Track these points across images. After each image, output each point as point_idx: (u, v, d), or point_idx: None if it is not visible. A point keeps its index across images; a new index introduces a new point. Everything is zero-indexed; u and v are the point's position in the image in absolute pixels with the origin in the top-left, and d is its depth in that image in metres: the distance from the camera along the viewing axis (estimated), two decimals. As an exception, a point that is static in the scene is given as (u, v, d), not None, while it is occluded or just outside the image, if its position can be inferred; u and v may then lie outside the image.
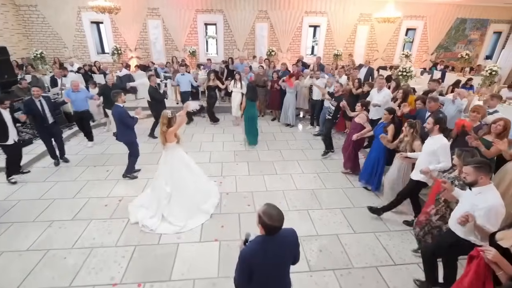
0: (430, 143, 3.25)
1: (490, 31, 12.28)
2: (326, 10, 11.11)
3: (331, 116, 5.58)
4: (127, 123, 4.44)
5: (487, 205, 2.14)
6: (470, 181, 2.26)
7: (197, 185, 3.91)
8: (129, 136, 4.61)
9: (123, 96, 4.55)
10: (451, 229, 2.48)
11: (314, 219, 3.89)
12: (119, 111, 4.40)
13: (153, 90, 6.49)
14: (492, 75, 7.41)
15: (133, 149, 4.70)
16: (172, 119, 3.61)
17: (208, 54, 11.55)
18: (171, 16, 10.41)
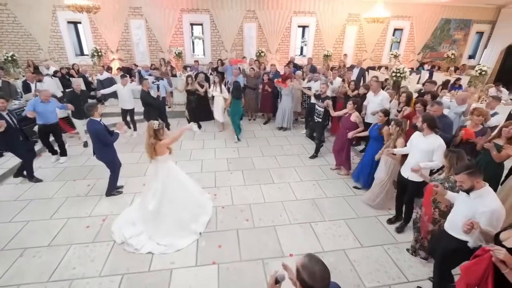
0: (427, 142, 3.20)
1: (473, 31, 12.54)
2: (314, 10, 10.96)
3: (321, 118, 5.55)
4: (105, 141, 3.91)
5: (488, 209, 2.12)
6: (467, 188, 2.24)
7: (189, 202, 3.56)
8: (109, 154, 4.09)
9: (99, 109, 3.97)
10: (450, 233, 2.44)
11: (318, 233, 3.63)
12: (96, 127, 3.83)
13: (145, 94, 6.14)
14: (482, 75, 7.47)
15: (112, 167, 4.20)
16: (158, 131, 3.25)
17: (195, 55, 11.13)
18: (154, 16, 9.92)
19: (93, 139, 4.01)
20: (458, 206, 2.40)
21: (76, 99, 5.60)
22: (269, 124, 7.74)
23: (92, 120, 3.91)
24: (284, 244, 3.43)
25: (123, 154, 5.65)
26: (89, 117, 3.93)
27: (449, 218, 2.49)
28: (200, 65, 9.90)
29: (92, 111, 3.89)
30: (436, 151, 3.12)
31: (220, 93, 6.78)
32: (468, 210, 2.24)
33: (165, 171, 3.36)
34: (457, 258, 2.46)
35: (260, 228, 3.69)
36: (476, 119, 3.54)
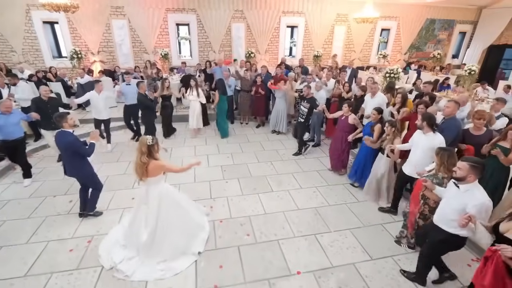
0: (427, 140, 3.34)
1: (456, 31, 12.83)
2: (303, 10, 10.82)
3: (304, 119, 5.59)
4: (80, 152, 3.41)
5: (478, 202, 2.21)
6: (459, 176, 2.31)
7: (186, 224, 3.22)
8: (83, 168, 3.57)
9: (70, 119, 3.43)
10: (439, 226, 2.52)
11: (324, 246, 3.42)
12: (67, 140, 3.32)
13: (143, 97, 5.80)
14: (471, 74, 7.55)
15: (92, 182, 3.73)
16: (153, 147, 2.89)
17: (182, 56, 10.72)
18: (138, 16, 9.44)
19: (64, 154, 3.51)
20: (448, 200, 2.46)
21: (44, 107, 4.85)
22: (262, 128, 7.50)
23: (62, 132, 3.38)
24: (290, 261, 3.19)
25: (108, 165, 5.28)
26: (59, 129, 3.44)
27: (438, 211, 2.56)
28: (187, 66, 9.52)
29: (61, 122, 3.36)
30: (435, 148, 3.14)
31: (197, 97, 6.40)
32: (458, 203, 2.32)
33: (157, 194, 2.99)
34: (443, 248, 2.61)
35: (262, 244, 3.44)
36: (477, 122, 3.44)
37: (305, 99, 5.53)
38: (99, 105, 5.61)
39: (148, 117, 5.98)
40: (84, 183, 3.74)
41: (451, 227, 2.40)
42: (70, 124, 3.45)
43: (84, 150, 3.44)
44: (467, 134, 3.54)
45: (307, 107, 5.47)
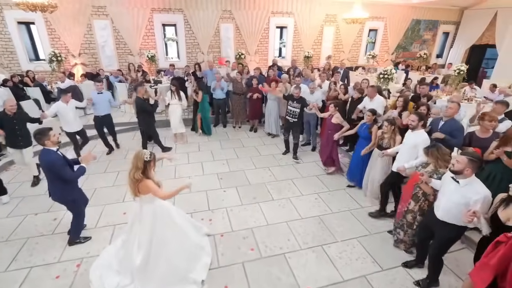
0: (412, 137, 3.43)
1: (440, 31, 13.14)
2: (292, 10, 10.71)
3: (297, 118, 5.56)
4: (63, 176, 2.96)
5: (480, 196, 2.27)
6: (457, 169, 2.36)
7: (185, 245, 2.94)
8: (70, 192, 3.15)
9: (53, 136, 2.96)
10: (440, 218, 2.56)
11: (333, 258, 3.27)
12: (50, 159, 2.89)
13: (141, 101, 5.51)
14: (460, 74, 7.69)
15: (75, 209, 3.29)
16: (149, 164, 2.62)
17: (169, 58, 10.35)
18: (121, 16, 9.00)
19: (47, 175, 3.09)
20: (450, 196, 2.47)
21: (9, 123, 4.23)
22: (256, 132, 7.30)
23: (44, 151, 2.96)
24: (298, 276, 3.01)
25: (94, 176, 4.93)
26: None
27: (442, 207, 2.55)
28: (175, 69, 9.18)
29: (42, 140, 2.92)
30: (419, 145, 3.28)
31: (179, 101, 6.14)
32: (461, 197, 2.36)
33: (151, 213, 2.72)
34: (451, 243, 2.67)
35: (268, 258, 3.24)
36: (488, 125, 3.39)
37: (295, 100, 5.48)
38: (68, 117, 4.99)
39: (147, 122, 5.72)
40: (68, 209, 3.33)
41: (459, 221, 2.44)
42: (53, 141, 2.99)
43: (66, 172, 2.96)
44: (474, 137, 3.49)
45: (298, 107, 5.45)
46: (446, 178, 2.57)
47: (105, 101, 5.57)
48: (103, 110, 5.58)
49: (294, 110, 5.52)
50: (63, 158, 3.06)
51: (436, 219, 2.59)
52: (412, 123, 3.44)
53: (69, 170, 3.04)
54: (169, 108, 6.29)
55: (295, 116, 5.54)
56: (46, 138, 2.95)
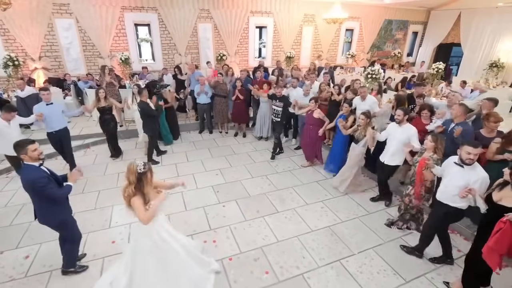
0: (402, 132, 3.71)
1: (410, 31, 13.74)
2: (271, 10, 10.50)
3: (280, 118, 5.62)
4: (48, 196, 2.51)
5: (479, 177, 2.56)
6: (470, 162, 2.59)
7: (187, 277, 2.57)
8: (57, 213, 2.69)
9: (32, 150, 2.48)
10: (442, 201, 2.84)
11: (354, 274, 3.06)
12: (30, 178, 2.43)
13: (145, 105, 5.11)
14: (438, 72, 7.98)
15: (67, 231, 2.83)
16: (145, 176, 2.26)
17: (143, 60, 9.62)
18: (88, 15, 8.14)
19: (30, 195, 2.61)
20: (452, 178, 2.73)
21: None
22: (245, 137, 6.97)
23: (25, 167, 2.53)
24: (323, 299, 2.76)
25: (71, 198, 4.26)
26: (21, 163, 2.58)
27: (442, 189, 2.85)
28: (150, 72, 8.53)
29: (19, 153, 2.48)
30: (411, 137, 3.63)
31: None
32: (462, 180, 2.62)
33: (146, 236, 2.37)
34: (446, 220, 2.97)
35: (287, 282, 2.95)
36: (493, 126, 3.39)
37: (278, 99, 5.55)
38: (9, 137, 4.00)
39: (152, 126, 5.35)
40: (58, 232, 2.85)
41: (454, 202, 2.75)
42: (33, 156, 2.49)
43: (52, 191, 2.50)
44: (480, 136, 3.48)
45: (281, 106, 5.53)
46: (448, 163, 2.85)
47: (57, 113, 4.64)
48: (57, 124, 4.64)
49: (277, 110, 5.61)
50: (47, 175, 2.55)
51: (436, 199, 2.95)
52: (398, 118, 3.70)
53: (55, 188, 2.55)
54: (135, 116, 5.62)
55: (278, 115, 5.62)
56: (23, 152, 2.47)
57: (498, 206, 2.36)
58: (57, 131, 4.69)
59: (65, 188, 2.64)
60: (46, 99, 4.53)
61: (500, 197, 2.38)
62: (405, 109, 3.81)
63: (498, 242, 2.22)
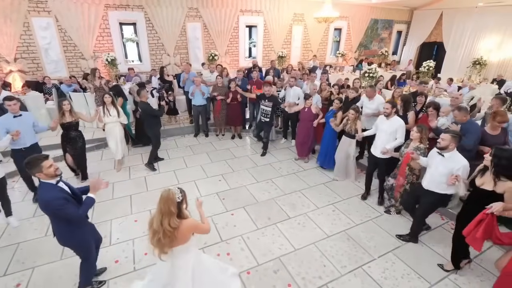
0: (389, 125, 3.83)
1: (394, 30, 14.06)
2: (261, 9, 10.33)
3: (269, 118, 5.61)
4: (66, 216, 2.24)
5: (462, 165, 2.78)
6: (443, 146, 2.87)
7: None
8: (77, 234, 2.42)
9: (48, 167, 2.19)
10: (429, 189, 3.07)
11: (378, 280, 2.95)
12: (46, 198, 2.16)
13: (146, 106, 4.88)
14: (430, 70, 8.15)
15: (85, 252, 2.56)
16: (182, 204, 2.02)
17: (129, 61, 9.15)
18: (68, 13, 7.59)
19: (48, 215, 2.32)
20: (436, 167, 2.96)
21: None
22: (242, 139, 6.76)
23: (41, 185, 2.24)
24: (352, 311, 2.62)
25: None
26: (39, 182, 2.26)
27: (428, 178, 3.06)
28: (137, 73, 8.08)
29: (34, 171, 2.17)
30: (398, 129, 3.77)
31: (118, 117, 4.82)
32: (445, 168, 2.86)
33: (189, 266, 2.11)
34: (435, 206, 3.26)
35: (312, 294, 2.79)
36: (499, 124, 3.40)
37: (266, 98, 5.48)
38: None
39: (154, 127, 5.10)
40: (76, 253, 2.58)
41: (441, 189, 2.98)
42: (49, 173, 2.20)
43: (70, 212, 2.21)
44: (485, 134, 3.51)
45: (270, 106, 5.49)
46: (432, 154, 3.07)
47: (28, 126, 3.84)
48: (28, 139, 3.83)
49: (266, 109, 5.55)
50: (65, 194, 2.27)
51: (423, 189, 3.15)
52: (386, 111, 3.82)
53: (73, 208, 2.26)
54: (106, 129, 4.89)
55: (267, 115, 5.57)
56: (37, 170, 2.17)
57: (480, 190, 2.58)
58: (27, 148, 3.82)
59: (86, 204, 2.35)
60: (13, 110, 3.72)
61: (482, 182, 2.58)
62: (393, 102, 3.95)
63: (486, 233, 2.37)
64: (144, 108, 4.94)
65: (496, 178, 2.43)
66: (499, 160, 2.40)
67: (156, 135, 5.20)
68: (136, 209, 4.07)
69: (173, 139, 6.70)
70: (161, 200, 1.97)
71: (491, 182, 2.47)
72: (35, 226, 3.74)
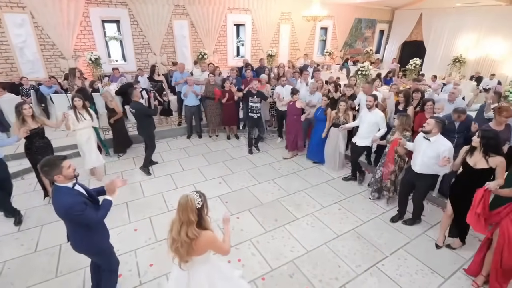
0: (371, 116, 4.21)
1: (377, 29, 14.42)
2: (249, 7, 10.20)
3: (258, 114, 5.67)
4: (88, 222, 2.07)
5: (447, 147, 3.07)
6: (427, 130, 3.14)
7: None
8: (95, 240, 2.22)
9: (67, 168, 1.99)
10: (422, 173, 3.31)
11: (394, 277, 2.93)
12: (65, 204, 1.95)
13: (140, 105, 4.79)
14: (416, 68, 8.39)
15: (105, 259, 2.37)
16: (203, 210, 1.86)
17: (112, 61, 8.70)
18: (45, 9, 7.06)
19: (64, 220, 2.11)
20: (424, 152, 3.21)
21: None
22: (238, 140, 6.61)
23: (56, 189, 2.01)
24: (373, 311, 2.57)
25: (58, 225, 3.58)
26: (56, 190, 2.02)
27: (420, 163, 3.28)
28: (122, 73, 7.69)
29: (51, 174, 1.95)
30: (379, 121, 4.18)
31: (91, 120, 4.35)
32: (432, 151, 3.13)
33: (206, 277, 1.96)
34: (428, 190, 3.59)
35: (331, 297, 2.72)
36: (504, 120, 3.49)
37: (254, 95, 5.53)
38: None
39: (148, 128, 4.86)
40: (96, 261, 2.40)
41: (432, 171, 3.26)
42: (68, 175, 2.00)
43: (90, 216, 2.05)
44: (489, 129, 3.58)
45: (259, 102, 5.56)
46: (419, 139, 3.31)
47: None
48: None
49: (255, 106, 5.58)
50: (83, 197, 2.08)
51: (415, 173, 3.35)
52: (369, 103, 4.16)
53: (93, 212, 2.08)
54: (77, 136, 4.34)
55: (257, 111, 5.62)
56: (56, 172, 1.96)
57: (473, 169, 2.81)
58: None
59: (104, 207, 2.17)
60: None
61: (475, 161, 2.81)
62: (375, 95, 4.30)
63: (485, 207, 2.58)
64: (138, 108, 4.67)
65: (486, 155, 2.71)
66: (487, 140, 2.68)
67: (151, 136, 4.96)
68: (134, 217, 3.83)
69: (165, 141, 6.43)
70: (179, 207, 1.81)
71: (482, 160, 2.73)
72: (21, 241, 3.41)
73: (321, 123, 5.10)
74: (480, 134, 2.74)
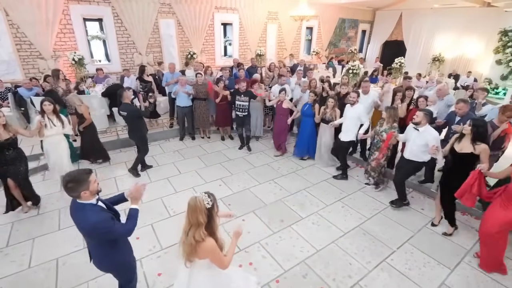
0: (353, 111, 4.52)
1: (360, 29, 14.80)
2: (236, 6, 10.09)
3: (247, 112, 5.64)
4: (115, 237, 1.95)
5: (433, 136, 3.42)
6: (417, 121, 3.51)
7: None
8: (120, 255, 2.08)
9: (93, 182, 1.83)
10: (410, 159, 3.73)
11: (404, 272, 3.00)
12: (92, 222, 1.78)
13: (131, 107, 4.56)
14: (401, 66, 8.68)
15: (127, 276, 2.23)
16: (213, 209, 1.79)
17: (95, 61, 8.29)
18: (21, 7, 6.58)
19: (90, 238, 1.97)
20: (414, 141, 3.60)
21: None
22: (232, 140, 6.52)
23: (79, 207, 1.82)
24: (389, 307, 2.61)
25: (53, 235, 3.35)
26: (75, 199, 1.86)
27: (409, 150, 3.68)
28: (106, 74, 7.36)
29: (77, 191, 1.76)
30: (361, 115, 4.49)
31: (62, 126, 3.94)
32: (421, 140, 3.50)
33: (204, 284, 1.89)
34: (413, 172, 4.06)
35: (347, 295, 2.72)
36: (506, 119, 3.65)
37: (241, 93, 5.51)
38: None
39: (140, 130, 4.70)
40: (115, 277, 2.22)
41: (421, 158, 3.64)
42: (93, 190, 1.84)
43: (117, 231, 1.90)
44: (492, 125, 3.74)
45: (247, 100, 5.53)
46: (409, 129, 3.70)
47: None
48: None
49: (243, 104, 5.56)
50: (108, 213, 1.92)
51: (404, 159, 3.80)
52: (352, 99, 4.49)
53: (120, 225, 1.92)
54: (45, 143, 3.95)
55: (245, 110, 5.59)
56: (84, 188, 1.78)
57: (460, 154, 3.12)
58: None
59: (132, 217, 1.99)
60: None
61: (460, 148, 3.11)
62: (358, 92, 4.66)
63: (479, 188, 2.85)
64: (129, 110, 4.46)
65: (474, 143, 3.00)
66: (477, 128, 2.97)
67: (143, 139, 4.78)
68: (135, 224, 3.65)
69: (157, 144, 6.22)
70: (188, 209, 1.75)
71: (469, 146, 3.03)
72: (12, 257, 3.15)
73: (307, 119, 5.20)
74: (471, 123, 3.03)
